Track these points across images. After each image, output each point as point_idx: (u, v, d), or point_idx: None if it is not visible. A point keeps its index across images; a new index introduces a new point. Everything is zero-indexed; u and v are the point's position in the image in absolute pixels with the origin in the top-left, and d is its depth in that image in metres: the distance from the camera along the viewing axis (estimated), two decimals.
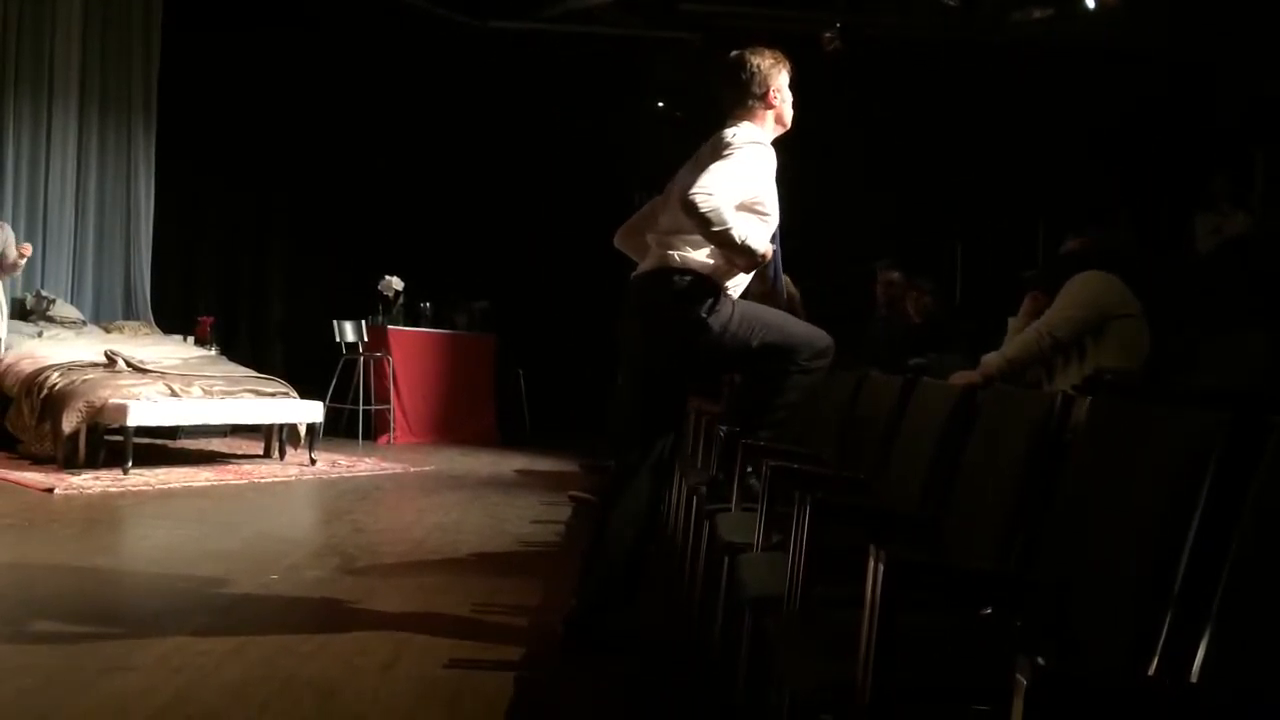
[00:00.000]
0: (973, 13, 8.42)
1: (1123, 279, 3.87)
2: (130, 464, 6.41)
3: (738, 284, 3.37)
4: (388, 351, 9.30)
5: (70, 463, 6.43)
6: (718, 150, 3.23)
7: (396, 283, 9.50)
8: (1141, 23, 7.56)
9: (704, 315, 3.24)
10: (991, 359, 3.94)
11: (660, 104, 10.81)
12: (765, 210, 3.30)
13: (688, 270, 3.26)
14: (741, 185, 3.19)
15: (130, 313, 8.81)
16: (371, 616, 3.70)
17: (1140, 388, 3.25)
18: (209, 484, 6.44)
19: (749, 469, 3.37)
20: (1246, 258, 5.80)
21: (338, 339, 9.23)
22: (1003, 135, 8.43)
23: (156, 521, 5.35)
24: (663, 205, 3.46)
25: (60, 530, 4.85)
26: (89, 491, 5.86)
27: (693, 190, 3.08)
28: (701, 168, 3.18)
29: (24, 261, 6.89)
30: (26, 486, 5.88)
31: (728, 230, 3.09)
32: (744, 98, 3.37)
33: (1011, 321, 4.45)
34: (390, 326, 9.42)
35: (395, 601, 3.90)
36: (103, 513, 5.42)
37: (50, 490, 5.75)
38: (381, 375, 9.32)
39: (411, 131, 10.34)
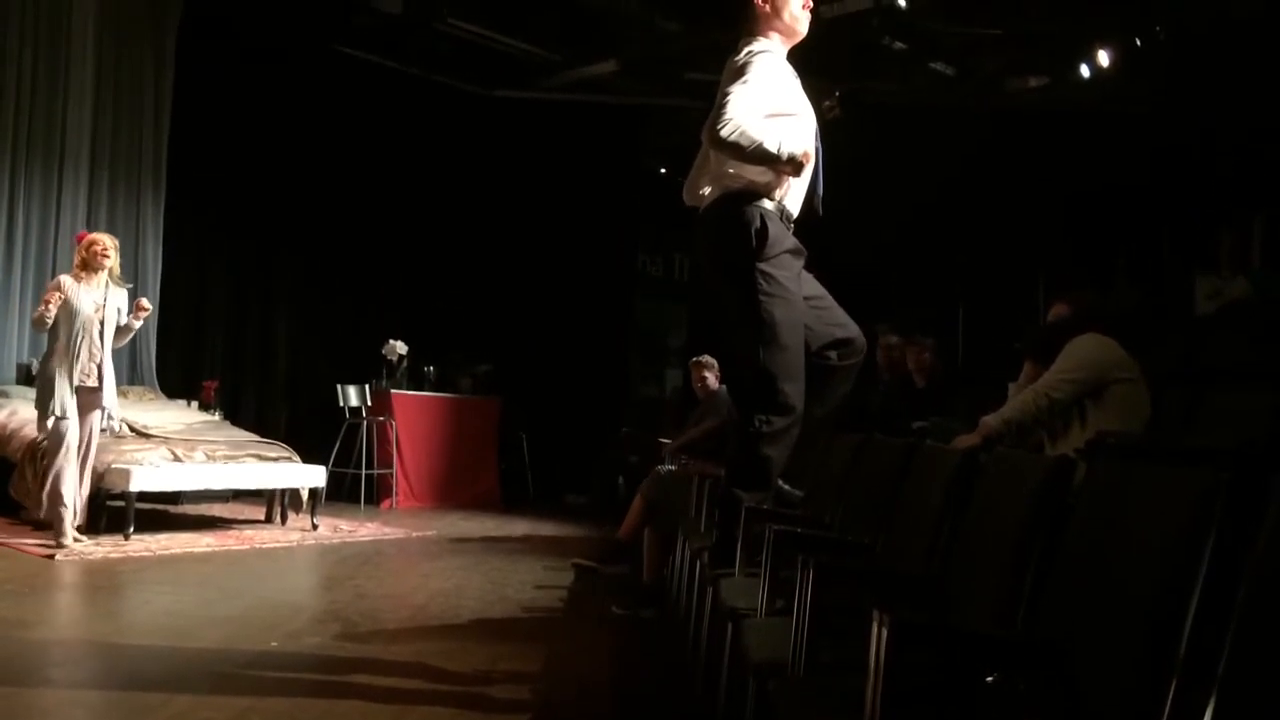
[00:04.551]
0: (969, 81, 8.56)
1: (1120, 341, 3.89)
2: (132, 529, 6.39)
3: (794, 197, 3.40)
4: (391, 415, 9.31)
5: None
6: (727, 77, 3.26)
7: (400, 347, 9.53)
8: (1138, 88, 7.67)
9: (759, 245, 3.26)
10: (989, 420, 3.95)
11: (663, 170, 10.95)
12: (790, 111, 3.33)
13: (745, 189, 3.32)
14: (761, 96, 3.22)
15: (135, 378, 8.82)
16: (373, 683, 3.66)
17: (1142, 449, 3.25)
18: (210, 549, 6.41)
19: (784, 484, 3.47)
20: (1247, 320, 5.83)
21: (341, 403, 9.25)
22: (1002, 199, 8.51)
23: (158, 587, 5.32)
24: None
25: (61, 596, 4.83)
26: (90, 557, 5.83)
27: (716, 125, 3.12)
28: (717, 101, 3.21)
29: (140, 322, 6.38)
30: (27, 552, 5.86)
31: (761, 145, 3.12)
32: (747, 11, 3.42)
33: (1011, 387, 4.46)
34: (394, 390, 9.44)
35: (397, 669, 3.87)
36: (104, 578, 5.39)
37: (51, 556, 5.73)
38: (385, 439, 9.31)
39: (416, 197, 10.45)
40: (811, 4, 3.48)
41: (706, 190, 3.47)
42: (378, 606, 5.03)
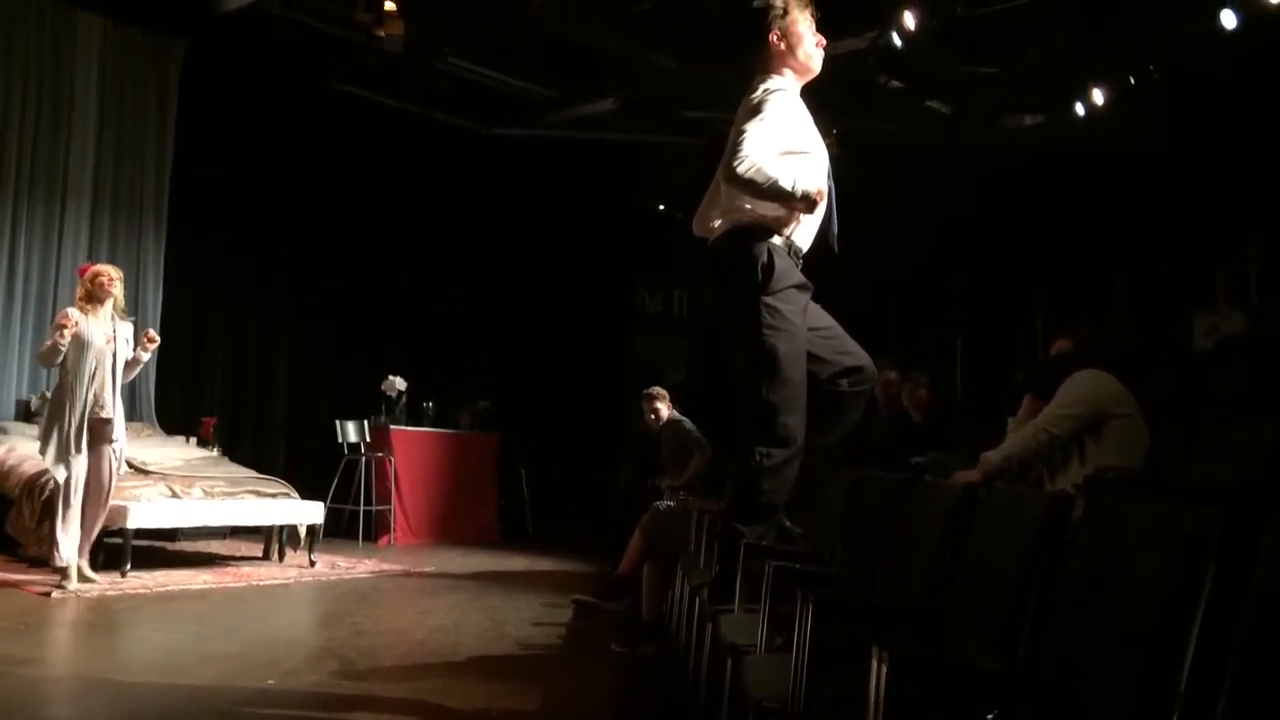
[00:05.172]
0: (965, 119, 8.63)
1: (1119, 376, 3.91)
2: (128, 566, 6.35)
3: (804, 233, 3.42)
4: (390, 451, 9.30)
5: None
6: (743, 115, 3.30)
7: (400, 383, 9.53)
8: (1135, 123, 7.74)
9: (765, 279, 3.26)
10: (990, 456, 3.96)
11: (661, 206, 11.01)
12: (803, 149, 3.36)
13: (755, 224, 3.33)
14: (777, 134, 3.25)
15: (134, 414, 8.80)
16: None
17: (1141, 484, 3.26)
18: (207, 586, 6.38)
19: (786, 522, 3.46)
20: (1244, 356, 5.84)
21: (340, 439, 9.23)
22: (999, 235, 8.55)
23: (154, 625, 5.30)
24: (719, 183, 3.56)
25: (58, 634, 4.80)
26: (87, 595, 5.80)
27: (733, 162, 3.16)
28: (733, 138, 3.25)
29: (148, 354, 6.27)
30: (24, 590, 5.83)
31: (776, 183, 3.16)
32: (760, 49, 3.45)
33: (1011, 421, 4.47)
34: (393, 426, 9.42)
35: (395, 706, 3.85)
36: (100, 616, 5.36)
37: (48, 594, 5.71)
38: (383, 475, 9.29)
39: (416, 234, 10.49)
40: (825, 42, 3.53)
41: (717, 223, 3.50)
42: (375, 644, 5.00)
